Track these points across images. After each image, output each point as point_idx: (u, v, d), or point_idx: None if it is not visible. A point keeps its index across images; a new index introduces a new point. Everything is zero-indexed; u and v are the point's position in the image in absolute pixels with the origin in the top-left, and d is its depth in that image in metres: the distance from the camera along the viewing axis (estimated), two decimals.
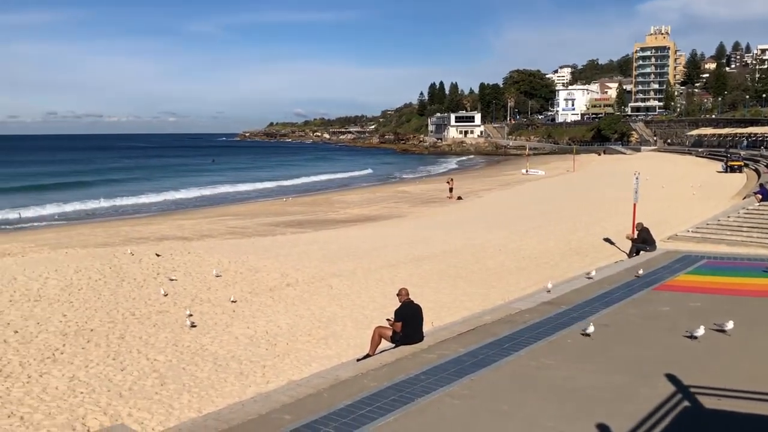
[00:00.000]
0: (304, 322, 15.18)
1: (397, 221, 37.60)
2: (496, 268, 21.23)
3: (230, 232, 33.69)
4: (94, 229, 36.67)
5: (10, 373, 11.56)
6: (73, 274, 19.43)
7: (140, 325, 14.70)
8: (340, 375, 9.17)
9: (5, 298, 16.58)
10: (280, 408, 7.91)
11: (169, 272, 19.91)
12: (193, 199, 60.41)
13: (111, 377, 11.49)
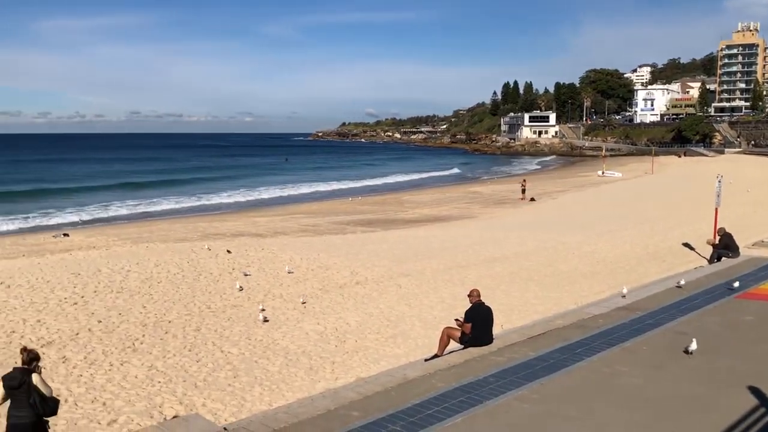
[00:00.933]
0: (372, 320, 15.30)
1: (467, 222, 37.36)
2: (569, 272, 20.79)
3: (302, 229, 34.29)
4: (174, 224, 38.05)
5: (94, 360, 12.14)
6: (153, 267, 20.22)
7: (215, 318, 15.16)
8: (408, 374, 9.20)
9: (90, 289, 17.43)
10: (348, 404, 8.00)
11: (243, 267, 20.44)
12: (267, 197, 61.78)
13: (187, 368, 11.90)
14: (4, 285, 17.68)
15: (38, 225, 42.20)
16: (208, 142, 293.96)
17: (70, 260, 22.57)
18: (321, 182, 76.98)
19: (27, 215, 46.81)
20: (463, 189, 63.42)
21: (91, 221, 44.01)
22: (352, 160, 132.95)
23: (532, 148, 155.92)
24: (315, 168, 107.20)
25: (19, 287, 17.47)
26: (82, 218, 45.73)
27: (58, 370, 11.50)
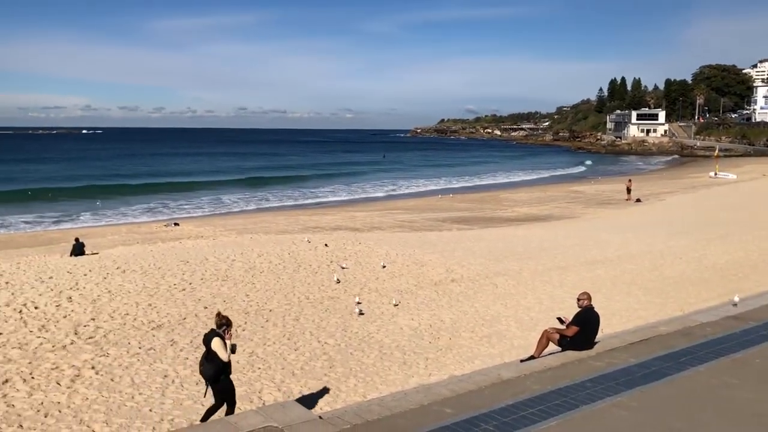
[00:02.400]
0: (467, 319, 15.22)
1: (569, 222, 36.39)
2: (675, 277, 19.84)
3: (398, 225, 34.53)
4: (276, 217, 39.31)
5: (200, 345, 12.71)
6: (256, 257, 20.98)
7: (313, 309, 15.55)
8: (502, 374, 9.09)
9: (197, 277, 18.31)
10: (441, 401, 8.00)
11: (341, 261, 20.84)
12: (364, 192, 62.60)
13: (285, 356, 12.29)
14: (119, 270, 18.88)
15: (151, 214, 44.76)
16: (309, 138, 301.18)
17: (180, 248, 23.80)
18: (418, 179, 77.22)
19: (140, 206, 49.82)
20: (565, 188, 61.75)
21: (199, 212, 46.18)
22: (450, 157, 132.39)
23: (639, 147, 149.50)
24: (412, 164, 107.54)
25: (133, 272, 18.61)
26: (191, 209, 48.10)
27: (167, 352, 12.16)
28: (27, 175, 74.73)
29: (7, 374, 10.81)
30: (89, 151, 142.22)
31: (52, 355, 11.83)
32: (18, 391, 10.12)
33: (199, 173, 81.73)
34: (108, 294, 16.21)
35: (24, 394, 10.03)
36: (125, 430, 8.88)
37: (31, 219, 42.08)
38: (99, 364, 11.43)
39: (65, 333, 13.11)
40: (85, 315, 14.39)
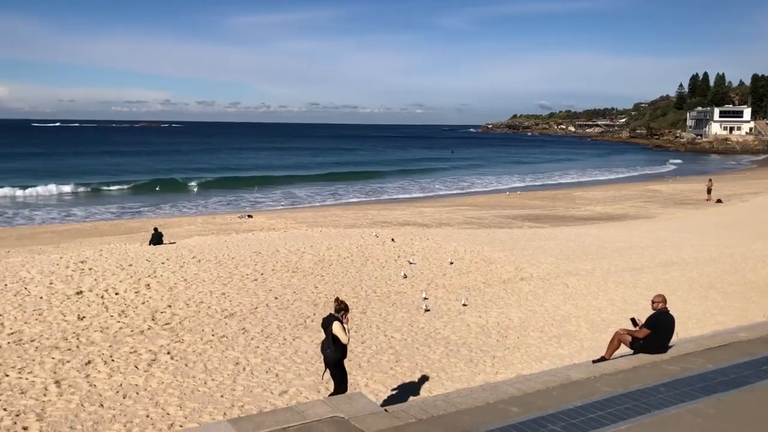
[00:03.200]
0: (536, 318, 14.98)
1: (644, 222, 35.27)
2: (757, 282, 18.95)
3: (467, 221, 34.30)
4: (346, 211, 39.74)
5: (270, 334, 13.04)
6: (326, 250, 21.27)
7: (380, 303, 15.66)
8: (571, 375, 8.92)
9: (269, 268, 18.73)
10: (507, 399, 7.92)
11: (408, 256, 20.88)
12: (432, 188, 62.47)
13: (352, 348, 12.40)
14: (195, 259, 19.51)
15: (227, 206, 46.07)
16: (379, 133, 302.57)
17: (253, 240, 24.40)
18: (487, 175, 76.50)
19: (216, 198, 51.36)
20: (641, 187, 59.84)
21: (272, 205, 47.19)
22: (521, 154, 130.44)
23: (721, 146, 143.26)
24: (482, 161, 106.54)
25: (208, 262, 19.19)
26: (264, 202, 49.21)
27: (238, 341, 12.50)
28: (112, 167, 78.15)
29: (90, 356, 11.36)
30: (171, 144, 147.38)
31: (130, 340, 12.35)
32: (99, 372, 10.62)
33: (272, 167, 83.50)
34: (184, 282, 16.79)
35: (105, 375, 10.52)
36: (197, 414, 9.19)
37: (115, 210, 44.04)
38: (174, 350, 11.86)
39: (143, 318, 13.66)
40: (162, 302, 14.96)
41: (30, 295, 15.07)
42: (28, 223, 37.56)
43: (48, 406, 9.22)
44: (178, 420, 8.96)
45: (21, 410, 9.03)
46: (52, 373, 10.46)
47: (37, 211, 42.09)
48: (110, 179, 62.05)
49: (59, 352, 11.47)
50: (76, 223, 37.10)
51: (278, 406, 9.43)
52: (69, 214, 41.66)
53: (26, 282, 16.25)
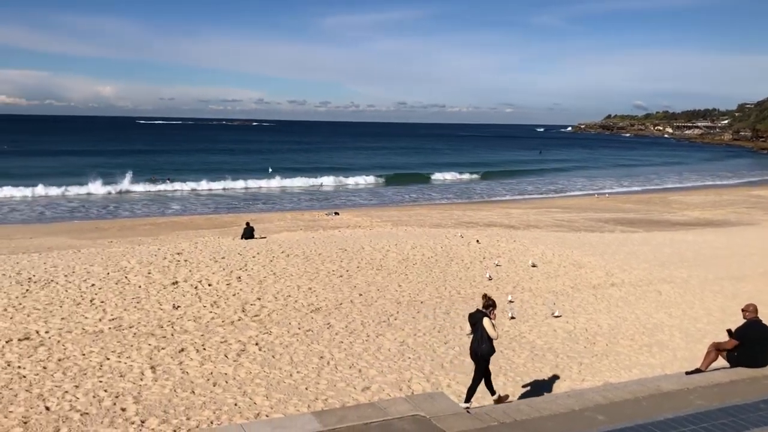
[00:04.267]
0: (626, 326, 14.47)
1: (747, 229, 33.38)
2: None
3: (556, 224, 33.52)
4: (431, 210, 39.71)
5: (354, 330, 13.21)
6: (410, 249, 21.33)
7: (464, 304, 15.54)
8: (662, 386, 8.56)
9: (354, 265, 18.97)
10: (593, 407, 7.69)
11: (494, 257, 20.63)
12: (520, 188, 61.44)
13: (435, 348, 12.40)
14: (284, 254, 20.02)
15: (315, 203, 47.03)
16: (467, 132, 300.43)
17: (339, 237, 24.78)
18: (578, 177, 74.52)
19: (305, 194, 52.53)
20: (744, 192, 56.66)
21: (358, 202, 47.76)
22: (615, 155, 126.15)
23: None
24: (572, 162, 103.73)
25: (296, 257, 19.65)
26: (351, 200, 49.91)
27: (323, 335, 12.73)
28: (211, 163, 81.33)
29: (183, 344, 11.86)
30: (263, 143, 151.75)
31: (221, 330, 12.82)
32: (192, 360, 11.08)
33: (358, 166, 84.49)
34: (273, 276, 17.26)
35: (197, 363, 10.96)
36: (283, 405, 9.42)
37: (210, 204, 45.84)
38: (262, 341, 12.21)
39: (234, 310, 14.15)
40: (252, 294, 15.44)
41: (130, 284, 15.91)
42: (130, 215, 39.64)
43: (144, 390, 9.70)
44: (264, 410, 9.22)
45: (120, 392, 9.55)
46: (149, 359, 11.00)
47: (138, 204, 44.38)
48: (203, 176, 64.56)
49: (155, 339, 12.05)
50: (174, 216, 38.85)
51: (360, 401, 9.54)
52: (167, 207, 43.69)
53: (126, 271, 17.17)
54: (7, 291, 14.84)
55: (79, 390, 9.55)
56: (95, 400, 9.24)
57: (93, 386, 9.72)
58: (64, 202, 44.88)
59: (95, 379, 10.02)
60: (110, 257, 19.22)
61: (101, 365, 10.62)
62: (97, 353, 11.16)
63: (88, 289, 15.29)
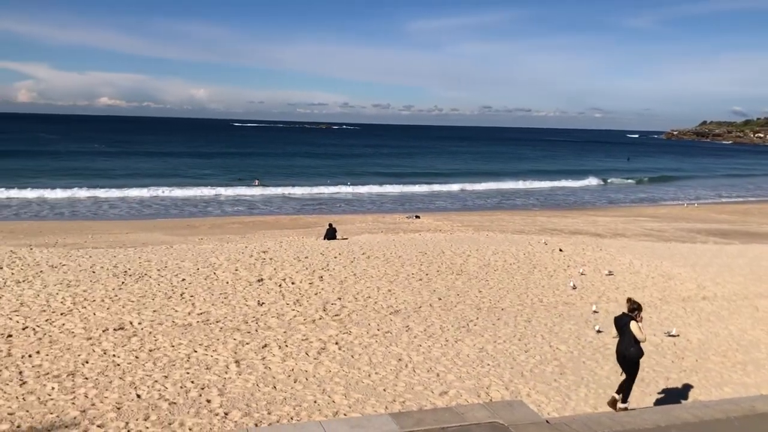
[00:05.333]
0: (718, 342, 13.79)
1: None
2: None
3: (645, 233, 32.34)
4: (514, 216, 39.16)
5: (433, 333, 13.19)
6: (491, 255, 21.11)
7: (546, 313, 15.24)
8: (757, 406, 8.12)
9: (434, 269, 18.94)
10: (680, 425, 7.40)
11: (578, 266, 20.12)
12: (606, 195, 59.67)
13: (515, 356, 12.22)
14: (365, 256, 20.24)
15: (396, 206, 47.28)
16: (553, 137, 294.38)
17: (419, 240, 24.81)
18: (668, 185, 71.63)
19: (386, 196, 52.91)
20: None
21: (440, 206, 47.66)
22: (710, 163, 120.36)
23: None
24: (662, 169, 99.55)
25: (377, 259, 19.82)
26: (431, 204, 49.88)
27: (402, 337, 12.79)
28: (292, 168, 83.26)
29: (266, 340, 12.19)
30: (347, 146, 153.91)
31: (303, 327, 13.09)
32: (274, 356, 11.36)
33: (440, 170, 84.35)
34: (353, 277, 17.48)
35: (279, 359, 11.24)
36: (361, 405, 9.52)
37: (295, 205, 46.93)
38: (342, 341, 12.38)
39: (315, 309, 14.42)
40: (333, 294, 15.69)
41: (218, 280, 16.49)
42: (220, 213, 41.11)
43: (228, 383, 10.04)
44: (343, 409, 9.35)
45: (205, 384, 9.91)
46: (233, 353, 11.37)
47: (227, 204, 45.97)
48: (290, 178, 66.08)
49: (240, 334, 12.44)
50: (260, 215, 39.99)
51: (438, 405, 9.53)
52: (255, 207, 45.06)
53: (215, 267, 17.81)
54: (104, 283, 15.70)
55: (167, 380, 9.99)
56: (182, 390, 9.64)
57: (181, 377, 10.14)
58: (158, 200, 47.12)
59: (183, 370, 10.45)
60: (200, 254, 20.00)
61: (189, 357, 11.06)
62: (185, 345, 11.63)
63: (178, 284, 15.97)
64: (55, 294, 14.52)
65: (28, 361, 10.50)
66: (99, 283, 15.61)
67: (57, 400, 9.05)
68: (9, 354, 10.75)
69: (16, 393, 9.21)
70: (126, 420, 8.56)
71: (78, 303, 13.92)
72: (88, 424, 8.36)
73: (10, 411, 8.62)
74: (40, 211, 40.01)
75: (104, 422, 8.45)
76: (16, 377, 9.78)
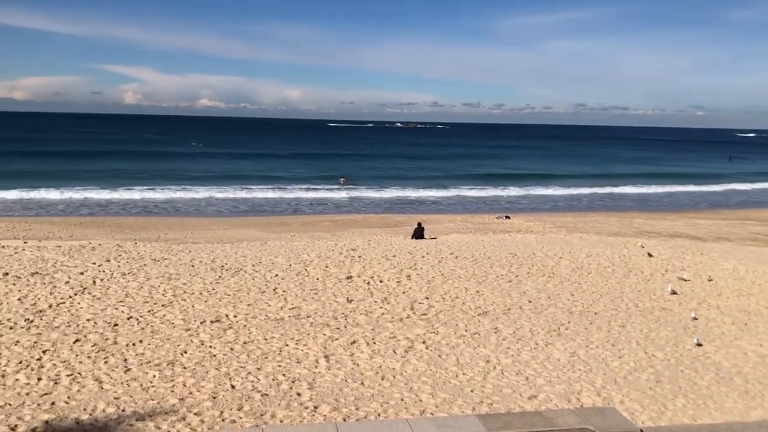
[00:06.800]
0: None
1: None
2: None
3: (751, 237, 30.56)
4: (609, 217, 37.92)
5: (522, 336, 12.97)
6: (585, 257, 20.53)
7: (642, 318, 14.68)
8: None
9: (524, 270, 18.62)
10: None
11: (678, 270, 19.26)
12: (705, 196, 56.77)
13: (608, 362, 11.83)
14: (453, 255, 20.16)
15: (485, 206, 46.83)
16: (650, 136, 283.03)
17: (509, 241, 24.46)
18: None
19: (475, 197, 52.47)
20: None
21: (531, 207, 46.82)
22: None
23: None
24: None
25: (465, 259, 19.69)
26: (521, 204, 49.07)
27: (490, 339, 12.65)
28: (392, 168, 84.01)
29: (355, 336, 12.37)
30: (438, 146, 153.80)
31: (390, 325, 13.19)
32: (362, 353, 11.51)
33: (533, 170, 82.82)
34: (441, 276, 17.45)
35: (367, 356, 11.38)
36: (448, 405, 9.50)
37: (386, 206, 47.37)
38: (429, 340, 12.39)
39: (403, 307, 14.49)
40: (421, 293, 15.72)
41: (309, 276, 16.88)
42: (310, 212, 42.04)
43: (318, 377, 10.25)
44: (429, 408, 9.36)
45: (296, 377, 10.17)
46: (323, 348, 11.61)
47: (317, 203, 46.97)
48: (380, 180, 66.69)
49: (329, 330, 12.68)
50: (349, 214, 40.60)
51: (526, 409, 9.37)
52: (342, 205, 45.83)
53: (306, 264, 18.24)
54: (203, 277, 16.39)
55: (260, 372, 10.32)
56: (274, 382, 9.93)
57: (273, 369, 10.45)
58: (254, 198, 48.73)
59: (275, 363, 10.76)
60: (292, 250, 20.52)
61: (281, 350, 11.37)
62: (277, 339, 11.98)
63: (271, 279, 16.46)
64: (157, 286, 15.30)
65: (132, 349, 11.11)
66: (198, 277, 16.32)
67: (158, 387, 9.54)
68: (115, 342, 11.42)
69: (121, 379, 9.77)
70: (221, 409, 8.90)
71: (178, 295, 14.61)
72: (186, 412, 8.76)
73: (115, 395, 9.15)
74: (145, 207, 42.28)
75: (201, 410, 8.83)
76: (121, 364, 10.38)
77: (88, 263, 17.47)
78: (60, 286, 14.93)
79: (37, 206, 41.04)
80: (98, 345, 11.23)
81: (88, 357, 10.64)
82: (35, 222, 32.68)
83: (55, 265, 16.98)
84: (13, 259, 17.53)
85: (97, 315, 12.89)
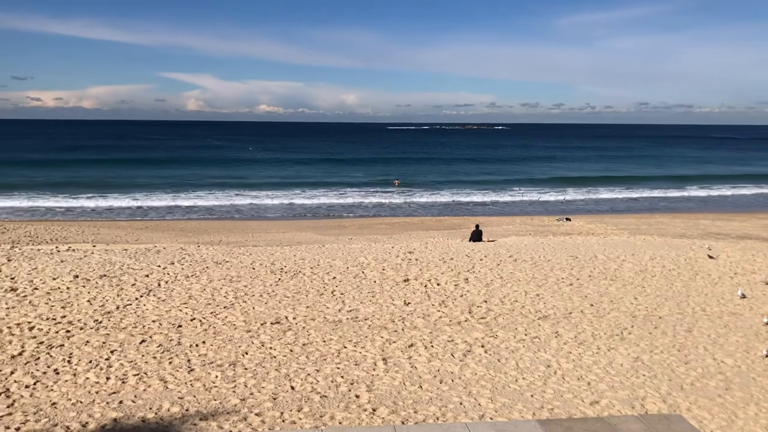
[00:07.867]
0: None
1: None
2: None
3: None
4: (674, 219, 36.80)
5: (584, 341, 12.69)
6: (648, 260, 19.96)
7: (710, 323, 14.17)
8: None
9: (585, 273, 18.24)
10: None
11: (748, 274, 18.52)
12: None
13: (674, 368, 11.46)
14: (511, 258, 19.90)
15: (544, 208, 46.11)
16: (718, 134, 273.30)
17: (570, 243, 24.00)
18: None
19: (528, 198, 51.72)
20: None
21: (591, 209, 45.85)
22: None
23: None
24: None
25: (524, 262, 19.42)
26: (581, 206, 48.10)
27: (551, 343, 12.43)
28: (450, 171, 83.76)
29: (412, 339, 12.35)
30: (497, 148, 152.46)
31: (448, 329, 13.11)
32: (420, 356, 11.48)
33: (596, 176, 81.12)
34: (500, 279, 17.25)
35: (425, 359, 11.34)
36: (507, 410, 9.37)
37: (441, 208, 47.19)
38: (488, 344, 12.26)
39: (461, 311, 14.39)
40: (479, 296, 15.58)
41: (366, 279, 16.96)
42: (367, 214, 42.26)
43: (376, 380, 10.27)
44: (489, 412, 9.25)
45: (354, 380, 10.22)
46: (381, 351, 11.63)
47: (373, 205, 47.17)
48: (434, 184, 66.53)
49: (387, 332, 12.69)
50: (406, 216, 40.61)
51: (588, 415, 9.15)
52: (398, 207, 45.88)
53: (363, 266, 18.33)
54: (263, 279, 16.68)
55: (319, 374, 10.41)
56: (333, 384, 10.00)
57: (331, 371, 10.53)
58: (310, 202, 49.36)
59: (333, 365, 10.85)
60: (350, 253, 20.66)
61: (339, 353, 11.46)
62: (335, 341, 12.07)
63: (329, 281, 16.61)
64: (219, 288, 15.65)
65: (195, 350, 11.39)
66: (258, 279, 16.62)
67: (220, 387, 9.75)
68: (179, 343, 11.73)
69: (185, 379, 10.03)
70: (281, 410, 9.03)
71: (239, 297, 14.90)
72: (247, 412, 8.91)
73: (180, 395, 9.40)
74: (209, 211, 43.36)
75: (261, 411, 8.97)
76: (185, 364, 10.65)
77: (153, 266, 18.01)
78: (127, 288, 15.45)
79: (106, 211, 42.66)
80: (163, 346, 11.56)
81: (154, 357, 10.96)
82: (103, 226, 33.96)
83: (122, 268, 17.58)
84: (83, 262, 18.23)
85: (162, 316, 13.28)
